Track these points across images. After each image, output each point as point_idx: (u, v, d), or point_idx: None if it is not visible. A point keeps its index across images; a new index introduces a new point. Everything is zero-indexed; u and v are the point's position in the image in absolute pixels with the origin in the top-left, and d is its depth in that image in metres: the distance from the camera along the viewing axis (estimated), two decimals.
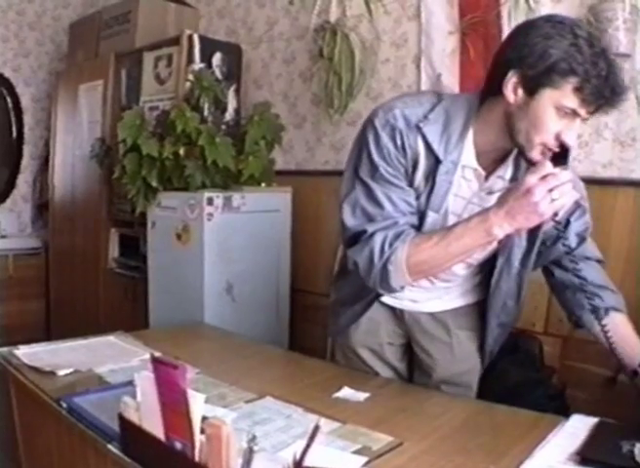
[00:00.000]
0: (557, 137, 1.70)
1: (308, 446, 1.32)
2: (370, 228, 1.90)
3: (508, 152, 1.91)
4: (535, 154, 1.74)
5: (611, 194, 2.99)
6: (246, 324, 3.76)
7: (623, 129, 3.00)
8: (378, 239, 1.88)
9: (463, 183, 1.94)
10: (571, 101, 1.65)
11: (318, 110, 4.28)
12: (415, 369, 2.44)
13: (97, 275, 5.16)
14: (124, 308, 4.81)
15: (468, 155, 1.89)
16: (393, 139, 1.88)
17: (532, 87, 1.68)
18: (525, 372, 2.56)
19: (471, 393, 2.35)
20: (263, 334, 3.79)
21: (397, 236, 1.87)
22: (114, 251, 5.04)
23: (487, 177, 1.94)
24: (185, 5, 5.23)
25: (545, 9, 3.14)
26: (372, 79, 3.97)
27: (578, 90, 1.63)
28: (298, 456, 1.33)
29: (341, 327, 2.40)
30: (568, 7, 3.09)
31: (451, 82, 3.53)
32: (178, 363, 1.43)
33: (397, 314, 2.33)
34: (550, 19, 1.71)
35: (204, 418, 1.43)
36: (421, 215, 1.96)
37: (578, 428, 1.84)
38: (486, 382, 2.37)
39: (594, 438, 1.77)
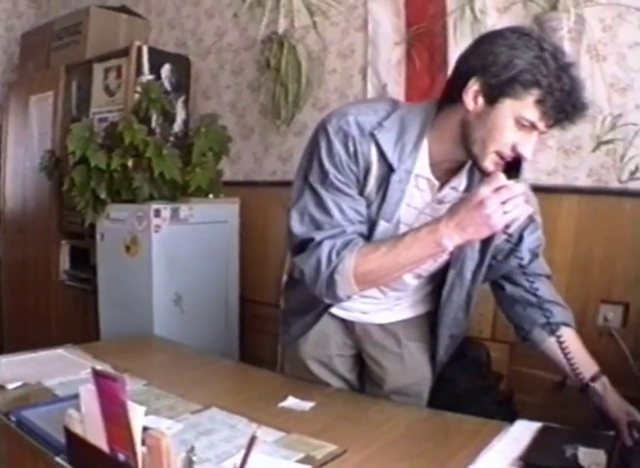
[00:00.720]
0: (513, 149, 1.69)
1: (247, 455, 1.33)
2: (317, 236, 1.87)
3: (462, 163, 1.90)
4: (488, 163, 1.73)
5: (555, 202, 3.02)
6: (195, 335, 3.76)
7: (568, 137, 3.03)
8: (325, 248, 1.85)
9: (416, 193, 1.92)
10: (531, 114, 1.65)
11: (266, 121, 4.29)
12: (366, 380, 2.43)
13: (48, 287, 5.11)
14: (75, 320, 4.77)
15: (422, 164, 1.87)
16: (345, 146, 1.84)
17: (493, 96, 1.67)
18: (472, 379, 2.58)
19: (422, 402, 2.34)
20: (213, 345, 3.81)
21: (345, 245, 1.84)
22: (65, 263, 4.99)
23: (440, 188, 1.93)
24: (136, 16, 5.21)
25: (491, 19, 3.18)
26: (318, 89, 3.99)
27: (539, 102, 1.63)
28: (237, 466, 1.34)
29: (293, 337, 2.38)
30: (513, 17, 3.13)
31: (396, 92, 3.55)
32: (118, 375, 1.44)
33: (347, 325, 2.32)
34: (517, 31, 1.69)
35: (145, 429, 1.43)
36: (372, 224, 1.93)
37: (521, 433, 1.86)
38: (434, 390, 2.37)
39: (538, 443, 1.79)
